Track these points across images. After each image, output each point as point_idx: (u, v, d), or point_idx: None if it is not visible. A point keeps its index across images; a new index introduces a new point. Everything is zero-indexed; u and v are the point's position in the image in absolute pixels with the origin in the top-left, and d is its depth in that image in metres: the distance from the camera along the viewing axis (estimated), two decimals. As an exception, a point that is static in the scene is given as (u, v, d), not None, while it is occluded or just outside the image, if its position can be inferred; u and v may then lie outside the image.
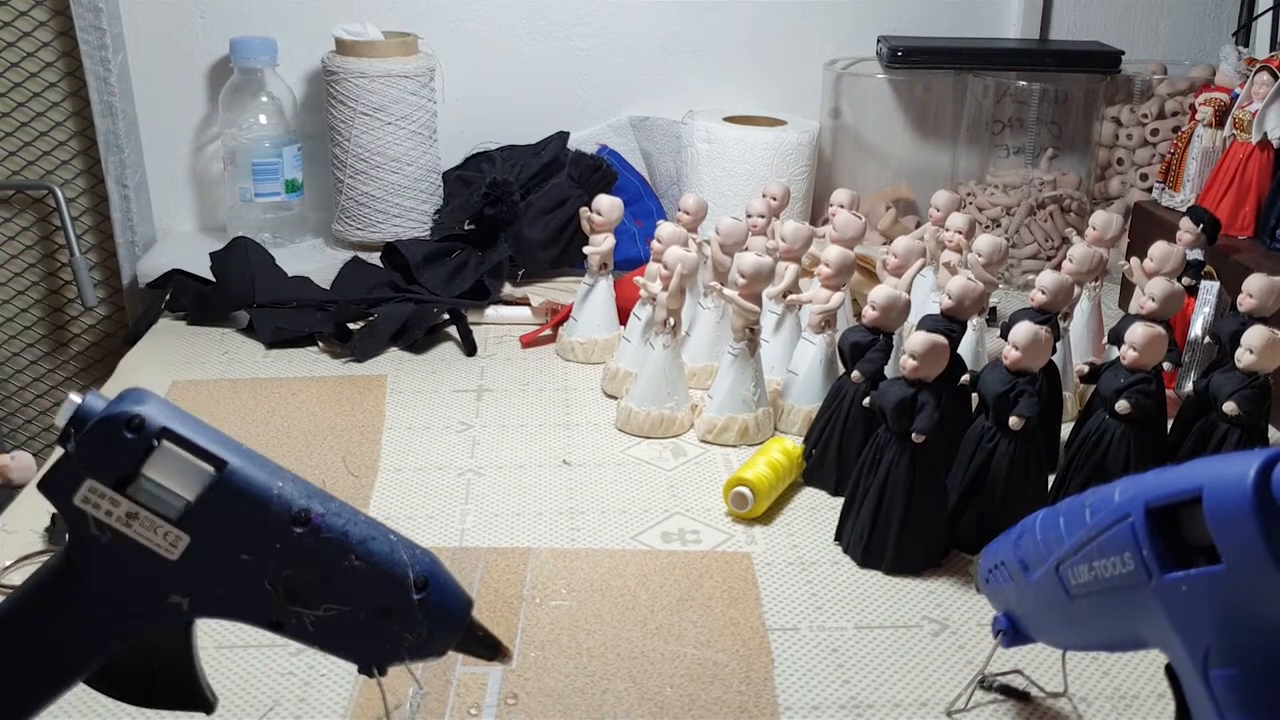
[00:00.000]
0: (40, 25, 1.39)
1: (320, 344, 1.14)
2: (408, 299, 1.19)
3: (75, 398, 0.52)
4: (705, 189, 1.37)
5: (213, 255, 1.24)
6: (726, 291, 0.95)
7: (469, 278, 1.23)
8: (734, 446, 0.96)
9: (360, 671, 0.57)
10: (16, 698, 0.56)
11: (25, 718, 0.57)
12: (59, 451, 0.52)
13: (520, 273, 1.30)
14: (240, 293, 1.19)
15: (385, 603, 0.56)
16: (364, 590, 0.55)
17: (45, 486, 0.53)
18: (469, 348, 1.15)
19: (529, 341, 1.17)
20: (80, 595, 0.54)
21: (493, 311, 1.22)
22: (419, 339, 1.15)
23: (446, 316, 1.18)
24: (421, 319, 1.16)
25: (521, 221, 1.30)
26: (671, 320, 0.96)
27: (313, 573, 0.54)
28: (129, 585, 0.54)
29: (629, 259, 1.26)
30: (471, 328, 1.17)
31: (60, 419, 0.52)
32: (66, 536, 0.54)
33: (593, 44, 1.48)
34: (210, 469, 0.53)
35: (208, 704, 0.58)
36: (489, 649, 0.59)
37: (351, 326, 1.16)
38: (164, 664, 0.57)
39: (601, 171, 1.35)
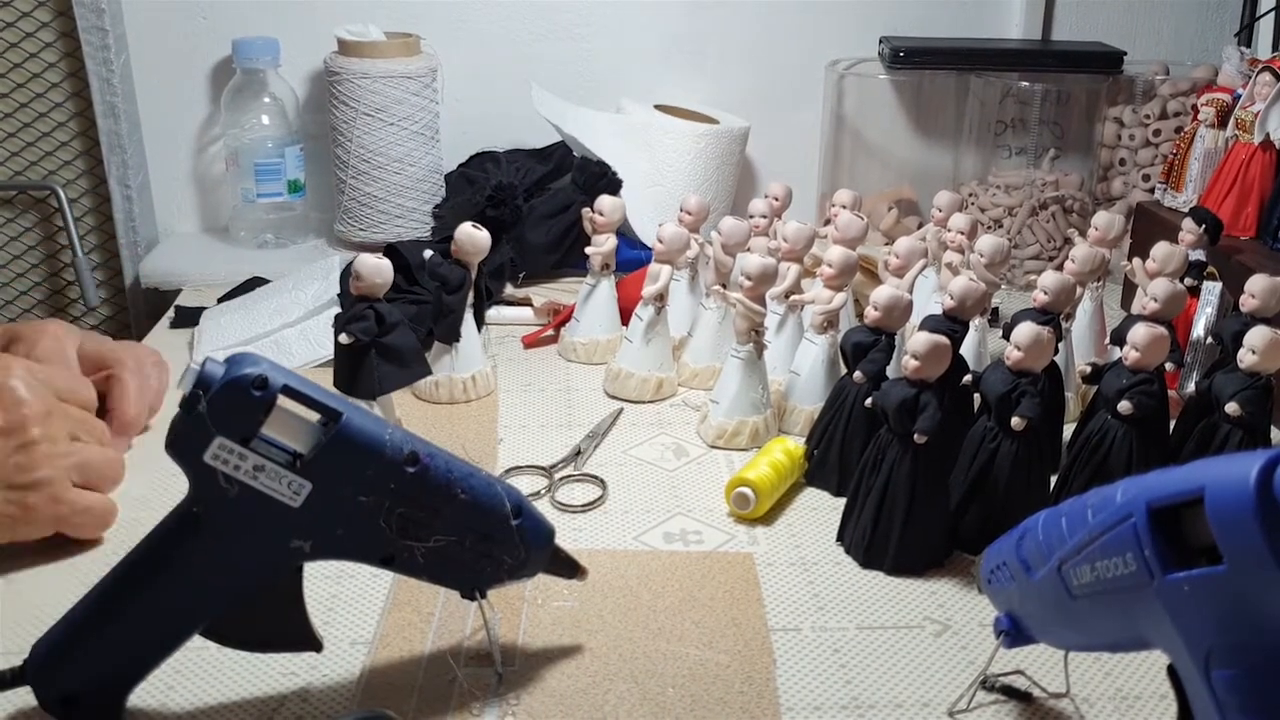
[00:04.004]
0: (43, 26, 1.39)
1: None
2: (411, 301, 1.19)
3: (195, 365, 0.56)
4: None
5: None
6: (732, 295, 0.95)
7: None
8: (745, 450, 0.96)
9: (463, 596, 0.64)
10: (142, 648, 0.60)
11: (149, 668, 0.61)
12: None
13: (521, 275, 1.30)
14: None
15: (487, 530, 0.62)
16: (469, 520, 0.61)
17: (173, 448, 0.57)
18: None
19: (531, 342, 1.17)
20: (206, 547, 0.59)
21: (495, 312, 1.22)
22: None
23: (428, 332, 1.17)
24: (422, 322, 1.16)
25: (524, 225, 1.30)
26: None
27: (424, 508, 0.60)
28: (255, 534, 0.59)
29: (631, 259, 1.26)
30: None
31: (185, 385, 0.56)
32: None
33: (594, 44, 1.48)
34: (328, 420, 0.58)
35: (318, 643, 0.63)
36: (570, 568, 0.68)
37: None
38: (275, 608, 0.61)
39: (607, 178, 1.34)
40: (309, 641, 0.63)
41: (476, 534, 0.62)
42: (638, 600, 0.75)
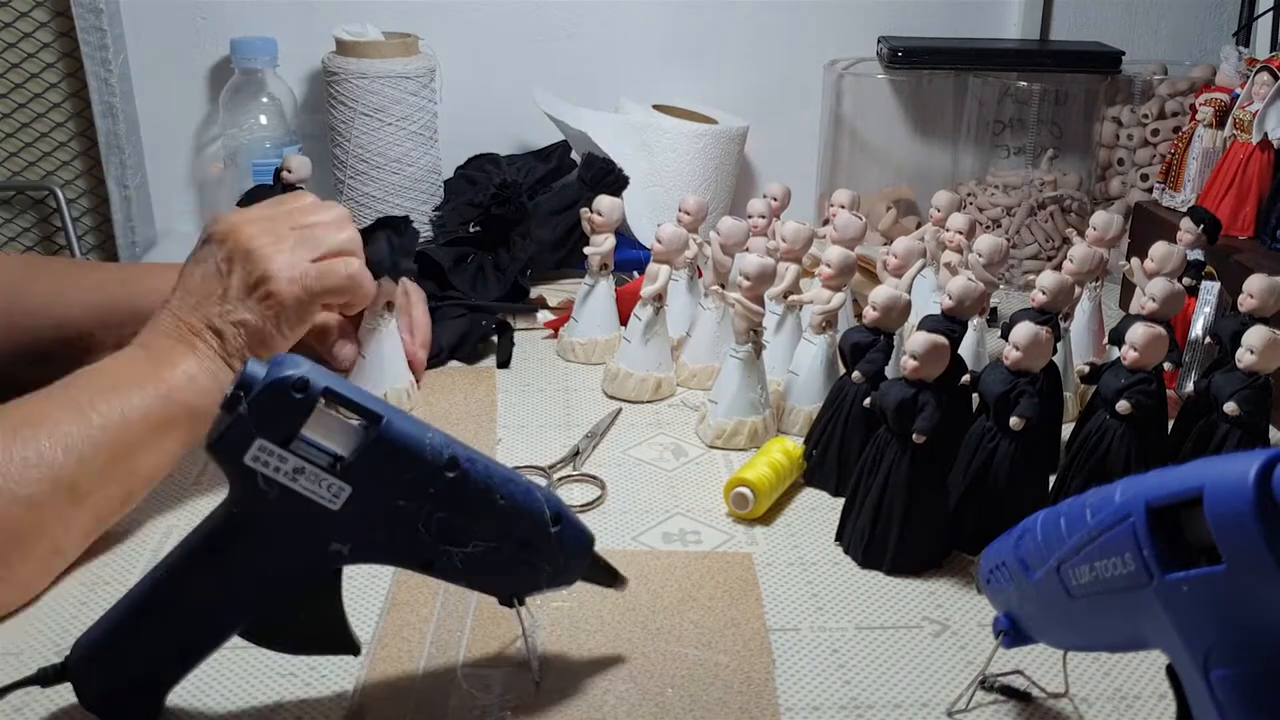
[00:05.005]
0: (41, 26, 1.39)
1: None
2: (469, 309, 1.17)
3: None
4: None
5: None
6: (730, 295, 0.95)
7: (490, 279, 1.23)
8: (744, 450, 0.96)
9: (501, 603, 0.63)
10: (180, 648, 0.60)
11: (187, 669, 0.61)
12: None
13: (530, 273, 1.30)
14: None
15: (526, 537, 0.61)
16: (508, 526, 0.61)
17: (215, 449, 0.56)
18: (503, 358, 1.13)
19: (555, 326, 1.18)
20: (245, 550, 0.58)
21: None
22: (474, 348, 1.13)
23: (494, 326, 1.16)
24: (474, 329, 1.14)
25: (530, 222, 1.30)
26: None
27: (462, 513, 0.59)
28: (294, 536, 0.58)
29: (630, 259, 1.26)
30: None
31: (226, 386, 0.56)
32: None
33: (593, 44, 1.48)
34: (368, 423, 0.57)
35: (355, 646, 0.63)
36: (610, 576, 0.67)
37: None
38: (313, 611, 0.61)
39: (615, 175, 1.33)
40: (347, 644, 0.62)
41: (515, 541, 0.61)
42: (636, 600, 0.75)
